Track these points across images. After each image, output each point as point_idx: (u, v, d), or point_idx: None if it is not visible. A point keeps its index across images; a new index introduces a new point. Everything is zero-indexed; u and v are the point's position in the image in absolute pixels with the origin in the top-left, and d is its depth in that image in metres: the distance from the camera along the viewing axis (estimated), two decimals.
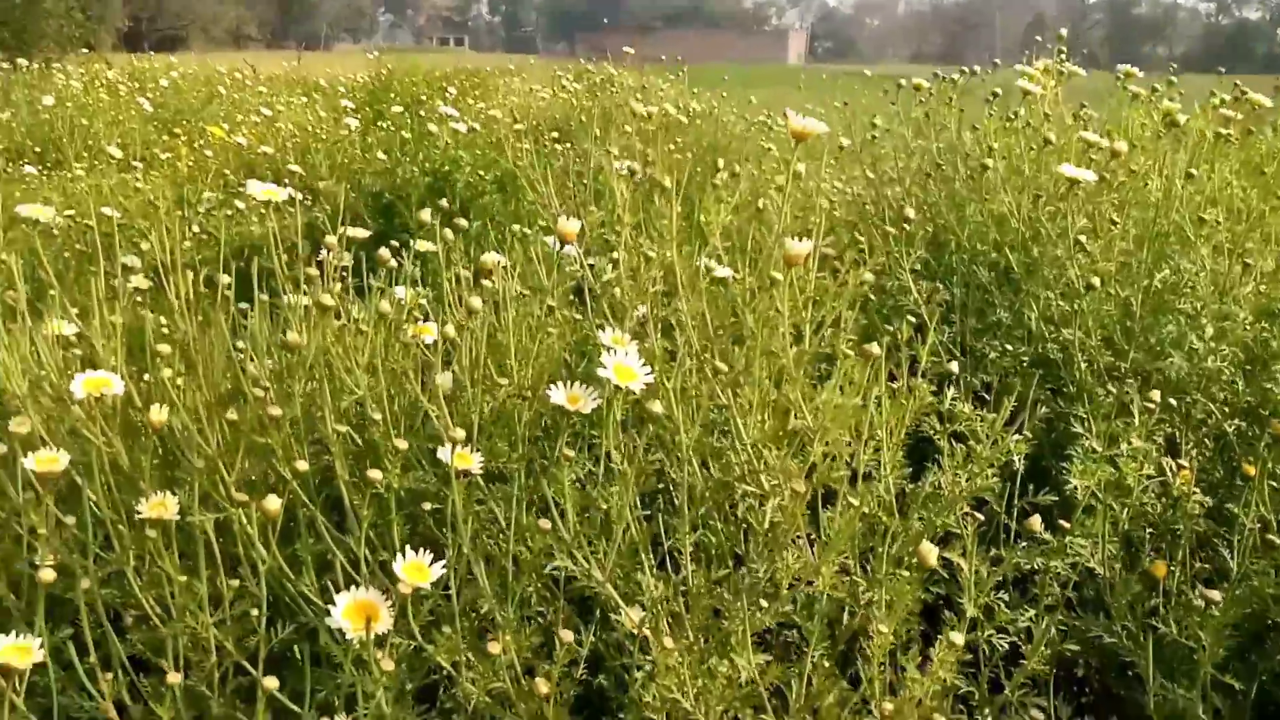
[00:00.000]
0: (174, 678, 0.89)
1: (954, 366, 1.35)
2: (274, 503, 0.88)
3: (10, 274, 1.44)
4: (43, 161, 4.59)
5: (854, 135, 4.62)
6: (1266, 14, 75.62)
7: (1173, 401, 1.52)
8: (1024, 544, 1.27)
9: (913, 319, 1.50)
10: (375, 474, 0.93)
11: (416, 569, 0.89)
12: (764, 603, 1.00)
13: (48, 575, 0.87)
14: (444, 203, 3.08)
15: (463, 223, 1.89)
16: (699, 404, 1.07)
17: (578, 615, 1.20)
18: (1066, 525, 1.29)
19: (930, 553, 1.00)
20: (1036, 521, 1.15)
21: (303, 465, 0.96)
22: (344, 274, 1.35)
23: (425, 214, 1.16)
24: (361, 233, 1.32)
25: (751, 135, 4.72)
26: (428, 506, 1.06)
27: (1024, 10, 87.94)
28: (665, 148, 3.52)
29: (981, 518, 1.20)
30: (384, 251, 1.07)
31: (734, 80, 7.33)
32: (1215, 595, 1.07)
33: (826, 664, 1.04)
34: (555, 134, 4.47)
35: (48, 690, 0.96)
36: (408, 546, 0.90)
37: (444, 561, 0.90)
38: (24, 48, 13.85)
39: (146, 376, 1.33)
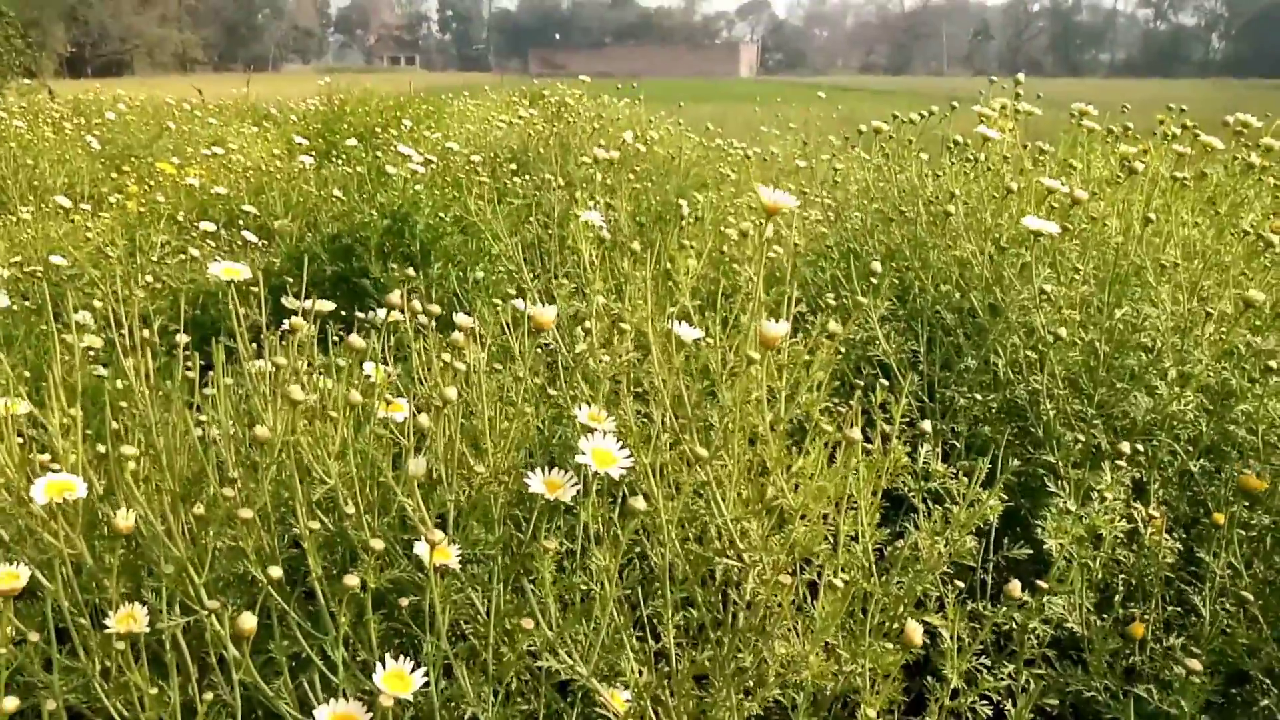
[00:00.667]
0: None
1: (926, 425, 1.35)
2: (249, 621, 0.85)
3: None
4: None
5: (808, 157, 4.65)
6: (1201, 20, 77.90)
7: (1139, 447, 1.53)
8: (1002, 604, 1.27)
9: (883, 377, 1.51)
10: (352, 580, 0.90)
11: (398, 678, 0.87)
12: (750, 688, 0.99)
13: (10, 704, 0.84)
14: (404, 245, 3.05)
15: (412, 272, 1.87)
16: (677, 483, 1.06)
17: (559, 696, 1.18)
18: (1042, 584, 1.30)
19: (915, 632, 1.00)
20: (1016, 587, 1.16)
21: (276, 571, 0.93)
22: (306, 349, 1.32)
23: (394, 296, 1.13)
24: (326, 305, 1.30)
25: (710, 160, 4.74)
26: (405, 602, 1.03)
27: (969, 20, 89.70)
28: (625, 178, 3.53)
29: (962, 585, 1.20)
30: (355, 338, 1.04)
31: (688, 96, 7.37)
32: (1195, 665, 1.08)
33: None
34: (514, 165, 4.46)
35: None
36: (387, 656, 0.88)
37: (424, 669, 0.88)
38: None
39: (106, 454, 1.29)
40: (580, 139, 4.99)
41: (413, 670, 0.88)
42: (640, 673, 1.04)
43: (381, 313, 1.43)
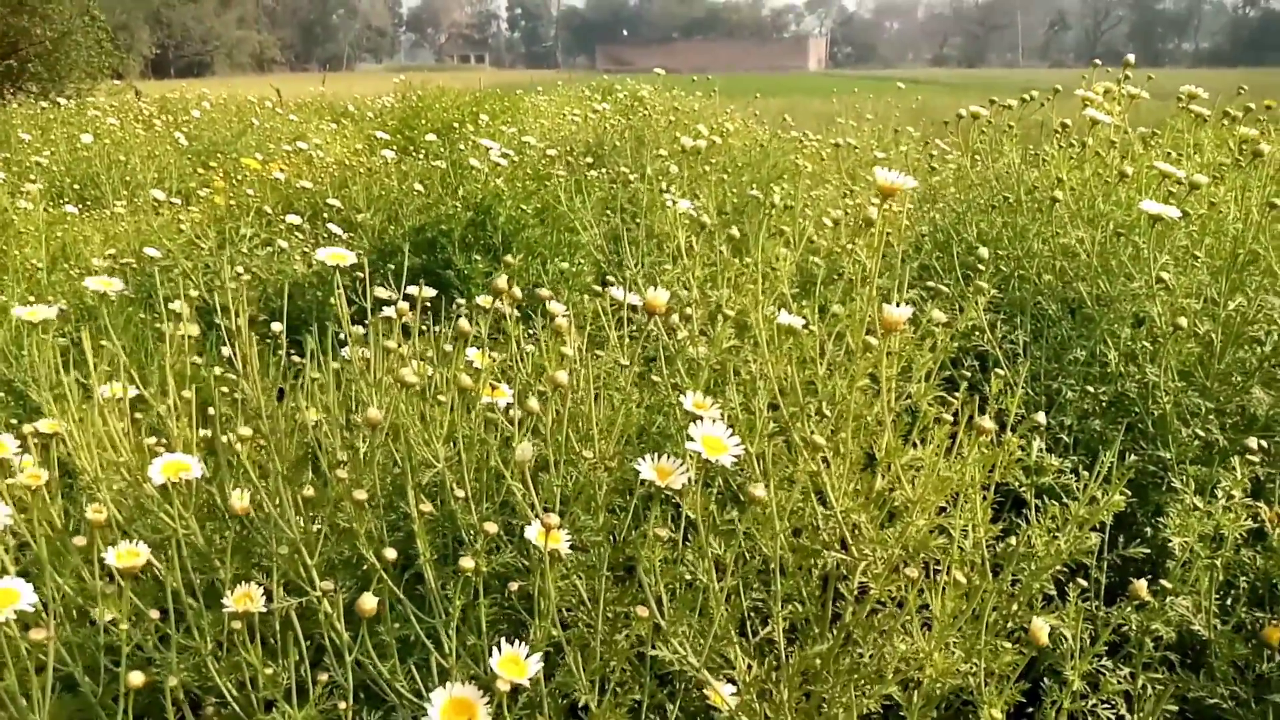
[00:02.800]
0: None
1: (1041, 418, 1.30)
2: (370, 601, 0.85)
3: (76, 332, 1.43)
4: (82, 199, 4.62)
5: (886, 148, 4.56)
6: None
7: (1262, 443, 1.46)
8: (1123, 605, 1.22)
9: (983, 368, 1.46)
10: (467, 563, 0.89)
11: (513, 663, 0.86)
12: (866, 684, 0.96)
13: (136, 679, 0.85)
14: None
15: (511, 260, 1.87)
16: (787, 474, 1.03)
17: (658, 687, 1.17)
18: (1166, 584, 1.24)
19: (1041, 630, 0.95)
20: (1142, 587, 1.11)
21: (390, 553, 0.93)
22: (413, 334, 1.33)
23: (502, 280, 1.12)
24: (429, 291, 1.29)
25: (785, 152, 4.68)
26: (514, 586, 1.02)
27: (1046, 10, 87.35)
28: (702, 170, 3.50)
29: (1085, 584, 1.15)
30: (463, 322, 1.04)
31: (757, 91, 7.30)
32: None
33: None
34: (589, 159, 4.45)
35: None
36: (502, 641, 0.87)
37: (539, 654, 0.86)
38: (56, 80, 14.10)
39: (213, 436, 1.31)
40: (654, 133, 4.98)
41: (527, 656, 0.87)
42: (750, 666, 1.01)
43: (480, 301, 1.43)
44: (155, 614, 0.96)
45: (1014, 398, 1.20)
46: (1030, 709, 1.23)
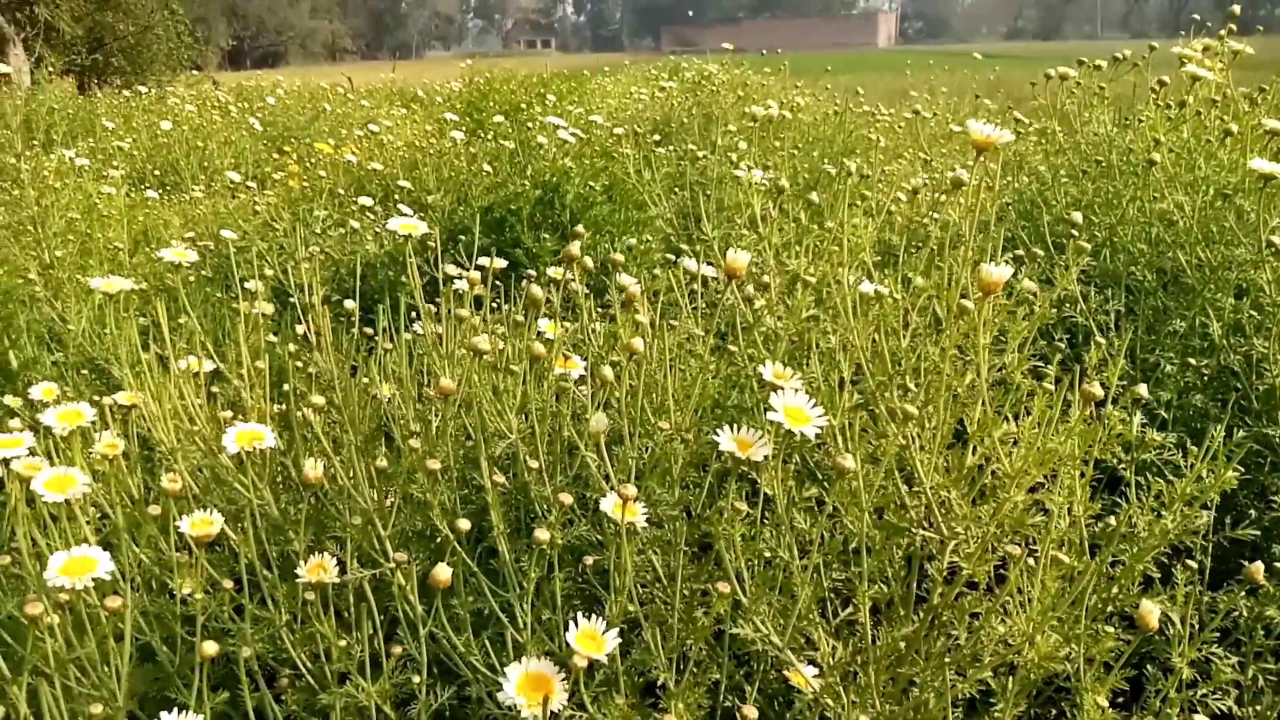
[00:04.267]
0: None
1: (1143, 390, 1.22)
2: (444, 572, 0.83)
3: (155, 309, 1.44)
4: (162, 184, 4.73)
5: (962, 121, 4.41)
6: None
7: None
8: (1232, 590, 1.14)
9: (1073, 341, 1.38)
10: (543, 534, 0.87)
11: (590, 638, 0.83)
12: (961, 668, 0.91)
13: (210, 649, 0.84)
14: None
15: (581, 231, 1.84)
16: (876, 454, 0.98)
17: (735, 668, 1.13)
18: None
19: (1151, 614, 0.89)
20: (1258, 570, 1.03)
21: (464, 524, 0.91)
22: (479, 304, 1.30)
23: (575, 247, 1.09)
24: (500, 263, 1.27)
25: (858, 126, 4.57)
26: (590, 560, 0.99)
27: None
28: (772, 145, 3.43)
29: (1195, 565, 1.08)
30: (536, 289, 1.01)
31: (825, 68, 7.15)
32: None
33: None
34: (656, 136, 4.41)
35: None
36: (579, 615, 0.84)
37: (616, 630, 0.83)
38: (138, 72, 14.53)
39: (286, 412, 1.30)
40: (722, 109, 4.90)
41: (605, 631, 0.84)
42: (834, 648, 0.97)
43: (551, 272, 1.40)
44: (229, 584, 0.96)
45: (1115, 368, 1.13)
46: (1120, 699, 1.16)
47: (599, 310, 1.56)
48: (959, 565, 1.02)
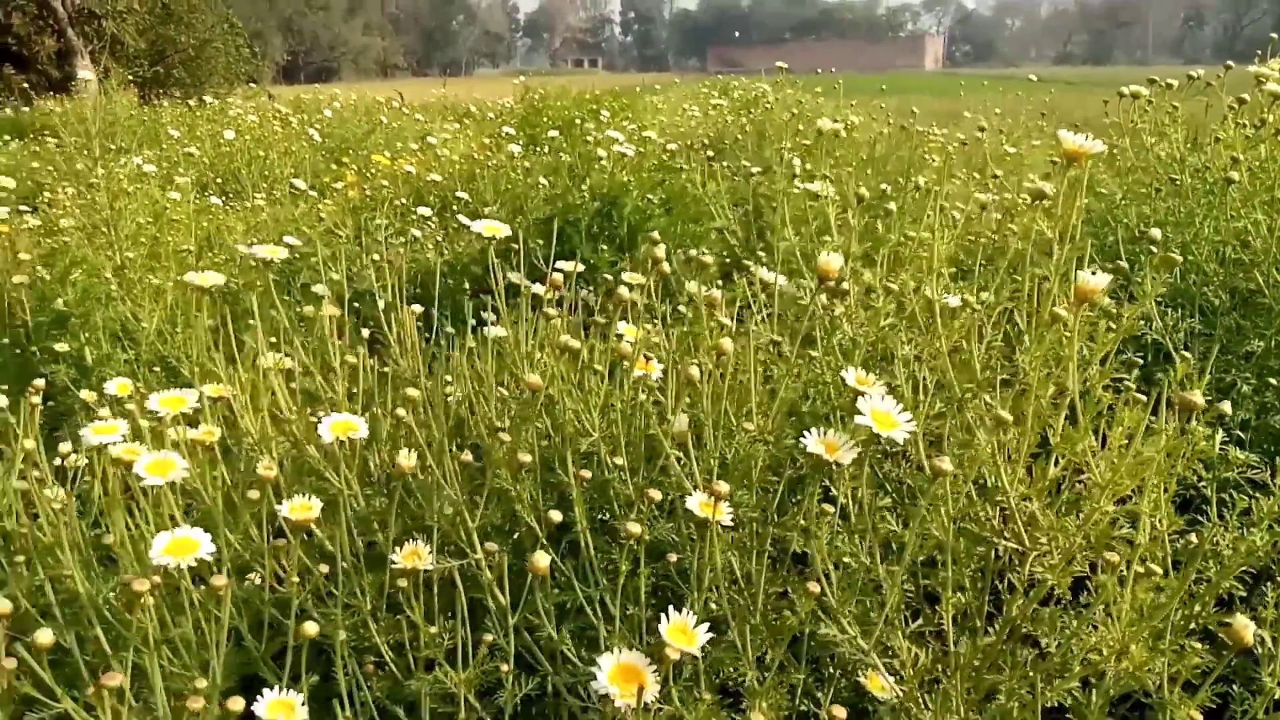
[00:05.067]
0: None
1: (1226, 407, 1.21)
2: (543, 559, 0.84)
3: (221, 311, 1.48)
4: (224, 192, 4.84)
5: (1017, 143, 4.39)
6: None
7: None
8: None
9: (1183, 354, 1.36)
10: (635, 528, 0.88)
11: (681, 631, 0.83)
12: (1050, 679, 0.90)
13: (311, 629, 0.86)
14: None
15: (656, 237, 1.86)
16: (970, 457, 0.98)
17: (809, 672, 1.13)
18: None
19: (1245, 629, 0.88)
20: None
21: (556, 515, 0.92)
22: (558, 307, 1.32)
23: (660, 250, 1.11)
24: (578, 267, 1.29)
25: (914, 146, 4.56)
26: (673, 558, 1.00)
27: (1179, 4, 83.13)
28: (827, 164, 3.43)
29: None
30: (622, 290, 1.02)
31: (872, 90, 7.15)
32: None
33: None
34: (710, 153, 4.43)
35: None
36: (670, 609, 0.84)
37: (705, 625, 0.84)
38: (197, 84, 14.91)
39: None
40: (775, 127, 4.91)
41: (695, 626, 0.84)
42: (915, 655, 0.97)
43: (626, 277, 1.41)
44: (324, 568, 0.98)
45: (1199, 384, 1.12)
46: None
47: (671, 316, 1.57)
48: (1039, 576, 1.02)
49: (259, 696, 0.86)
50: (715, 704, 0.90)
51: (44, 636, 0.80)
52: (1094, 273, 0.89)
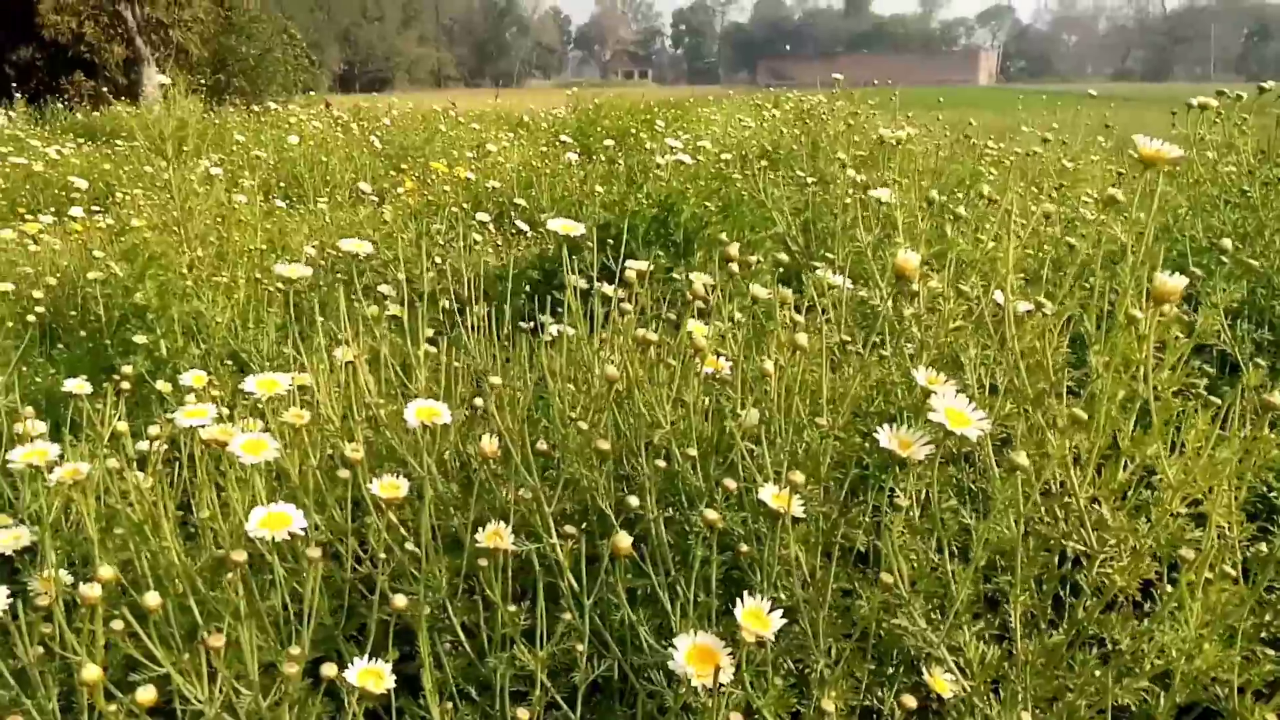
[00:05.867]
0: (523, 715, 0.89)
1: None
2: (625, 541, 0.87)
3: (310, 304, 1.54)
4: (287, 195, 4.97)
5: (1076, 158, 4.35)
6: None
7: None
8: None
9: (1259, 361, 1.36)
10: (712, 515, 0.90)
11: (756, 616, 0.85)
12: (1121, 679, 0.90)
13: (400, 602, 0.89)
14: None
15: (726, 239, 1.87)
16: (1044, 456, 0.99)
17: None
18: None
19: None
20: None
21: (634, 500, 0.95)
22: (626, 305, 1.36)
23: (733, 248, 1.13)
24: (643, 265, 1.32)
25: (970, 159, 4.54)
26: (744, 548, 1.02)
27: (1243, 20, 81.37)
28: (883, 175, 3.43)
29: None
30: (698, 284, 1.05)
31: (924, 104, 7.11)
32: None
33: None
34: (764, 162, 4.45)
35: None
36: (746, 594, 0.87)
37: (780, 611, 0.86)
38: (256, 93, 15.28)
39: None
40: (830, 138, 4.92)
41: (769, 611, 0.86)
42: (983, 652, 0.98)
43: (693, 277, 1.44)
44: (410, 546, 1.02)
45: (1275, 390, 1.12)
46: None
47: (735, 317, 1.60)
48: (1108, 579, 1.02)
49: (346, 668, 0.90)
50: (785, 689, 0.92)
51: (152, 599, 0.85)
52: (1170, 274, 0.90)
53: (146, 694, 0.80)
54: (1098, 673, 0.93)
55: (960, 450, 1.32)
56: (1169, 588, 0.92)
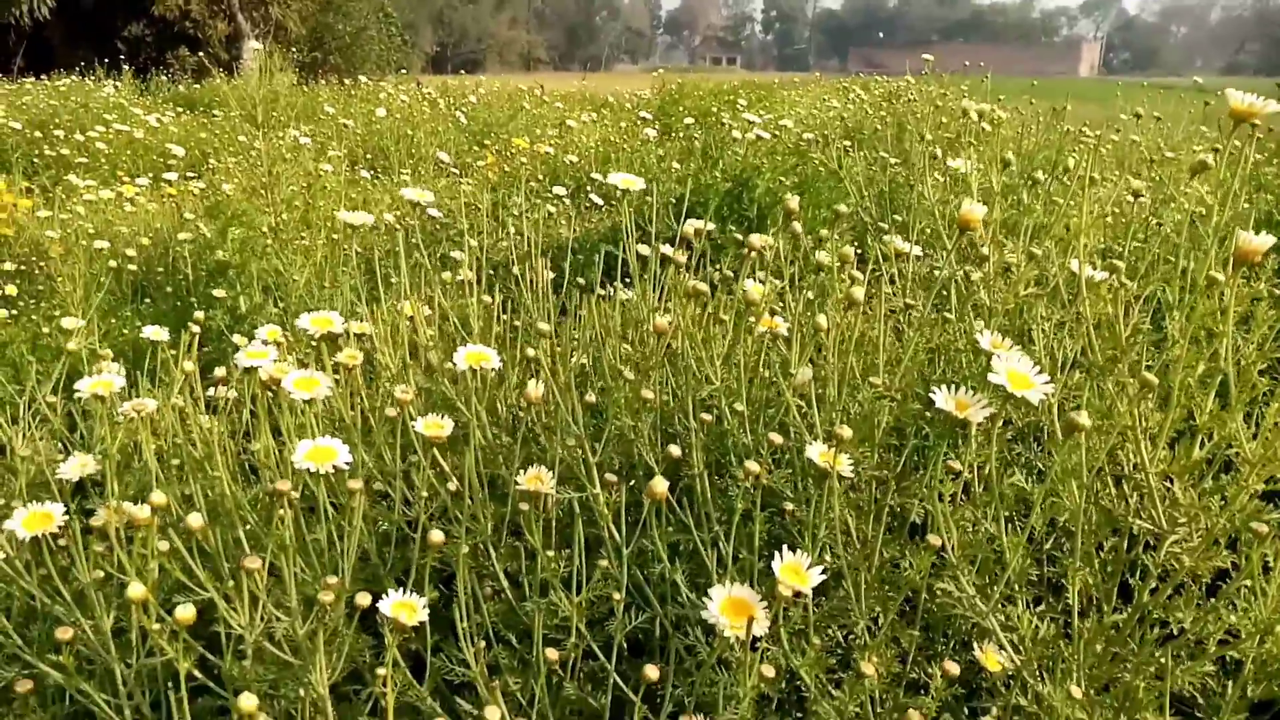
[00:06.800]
0: (553, 654, 0.89)
1: None
2: (661, 485, 0.85)
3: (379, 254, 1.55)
4: (372, 167, 5.06)
5: (1176, 148, 4.18)
6: None
7: None
8: None
9: None
10: (754, 466, 0.88)
11: (794, 570, 0.83)
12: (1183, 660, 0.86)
13: (437, 537, 0.89)
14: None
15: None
16: (1110, 425, 0.94)
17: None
18: None
19: None
20: None
21: (676, 450, 0.93)
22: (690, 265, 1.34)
23: (757, 239, 1.10)
24: (710, 226, 1.30)
25: (1061, 135, 4.38)
26: (789, 506, 1.00)
27: None
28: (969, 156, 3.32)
29: None
30: (755, 238, 1.02)
31: (1021, 94, 6.88)
32: None
33: None
34: (847, 142, 4.37)
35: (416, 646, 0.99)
36: (784, 548, 0.84)
37: (820, 568, 0.83)
38: (351, 71, 15.62)
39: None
40: (916, 119, 4.80)
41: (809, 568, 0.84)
42: (1036, 627, 0.93)
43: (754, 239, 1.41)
44: (452, 486, 1.02)
45: None
46: None
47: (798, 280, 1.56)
48: (1176, 560, 0.97)
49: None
50: (823, 650, 0.90)
51: (194, 520, 0.86)
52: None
53: (186, 612, 0.81)
54: (1157, 653, 0.88)
55: (1028, 427, 1.27)
56: (1250, 557, 0.87)
